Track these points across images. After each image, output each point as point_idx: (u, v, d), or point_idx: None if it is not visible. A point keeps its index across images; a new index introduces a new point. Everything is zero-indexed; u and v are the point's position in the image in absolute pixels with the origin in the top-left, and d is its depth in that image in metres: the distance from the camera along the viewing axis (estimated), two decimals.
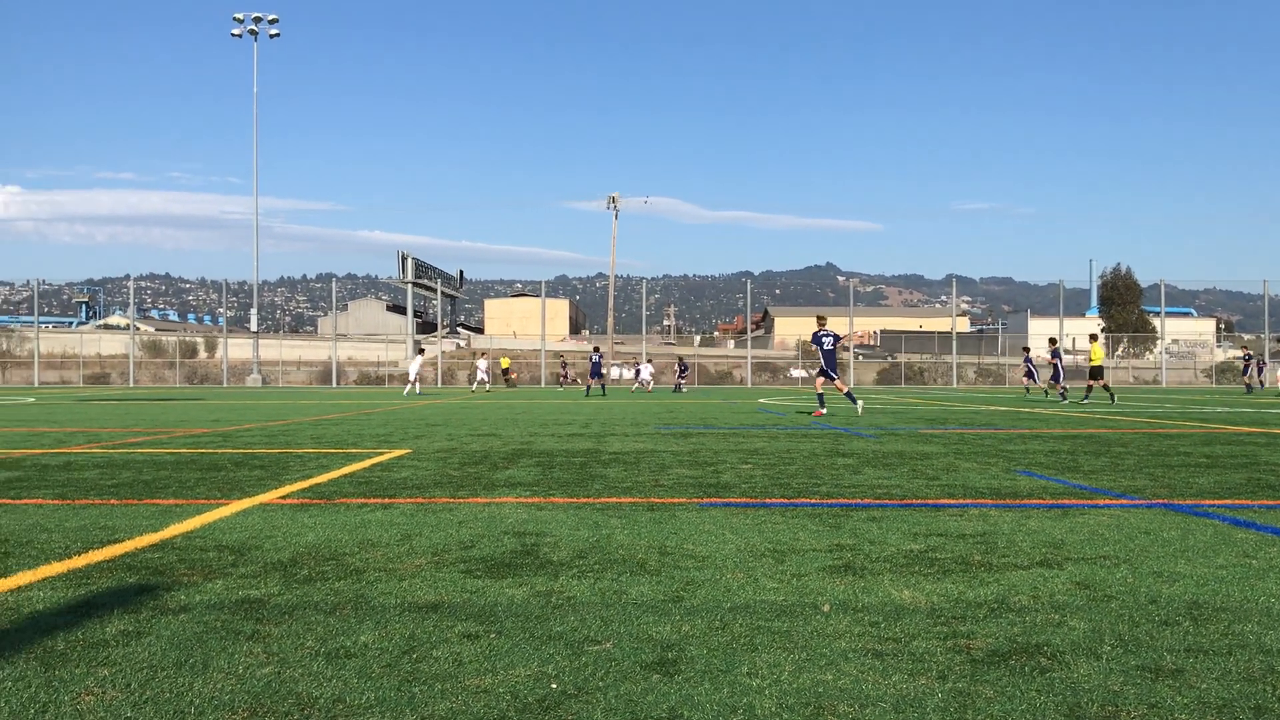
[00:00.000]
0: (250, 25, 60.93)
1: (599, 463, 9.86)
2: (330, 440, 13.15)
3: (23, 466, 9.49)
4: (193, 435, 14.17)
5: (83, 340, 76.26)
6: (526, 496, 7.30)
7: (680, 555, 5.07)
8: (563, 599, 4.11)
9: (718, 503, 7.00)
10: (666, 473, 8.92)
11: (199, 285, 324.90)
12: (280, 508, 6.73)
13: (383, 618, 3.79)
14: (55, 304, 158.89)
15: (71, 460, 10.15)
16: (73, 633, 3.56)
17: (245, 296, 78.82)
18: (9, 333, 74.84)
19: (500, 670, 3.16)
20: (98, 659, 3.25)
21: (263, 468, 9.40)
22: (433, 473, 8.93)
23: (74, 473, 8.94)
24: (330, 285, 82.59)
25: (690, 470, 9.14)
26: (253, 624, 3.69)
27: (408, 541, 5.43)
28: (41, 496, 7.29)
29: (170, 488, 7.83)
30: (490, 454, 10.91)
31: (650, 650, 3.39)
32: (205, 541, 5.41)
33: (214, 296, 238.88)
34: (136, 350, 65.69)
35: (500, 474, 8.83)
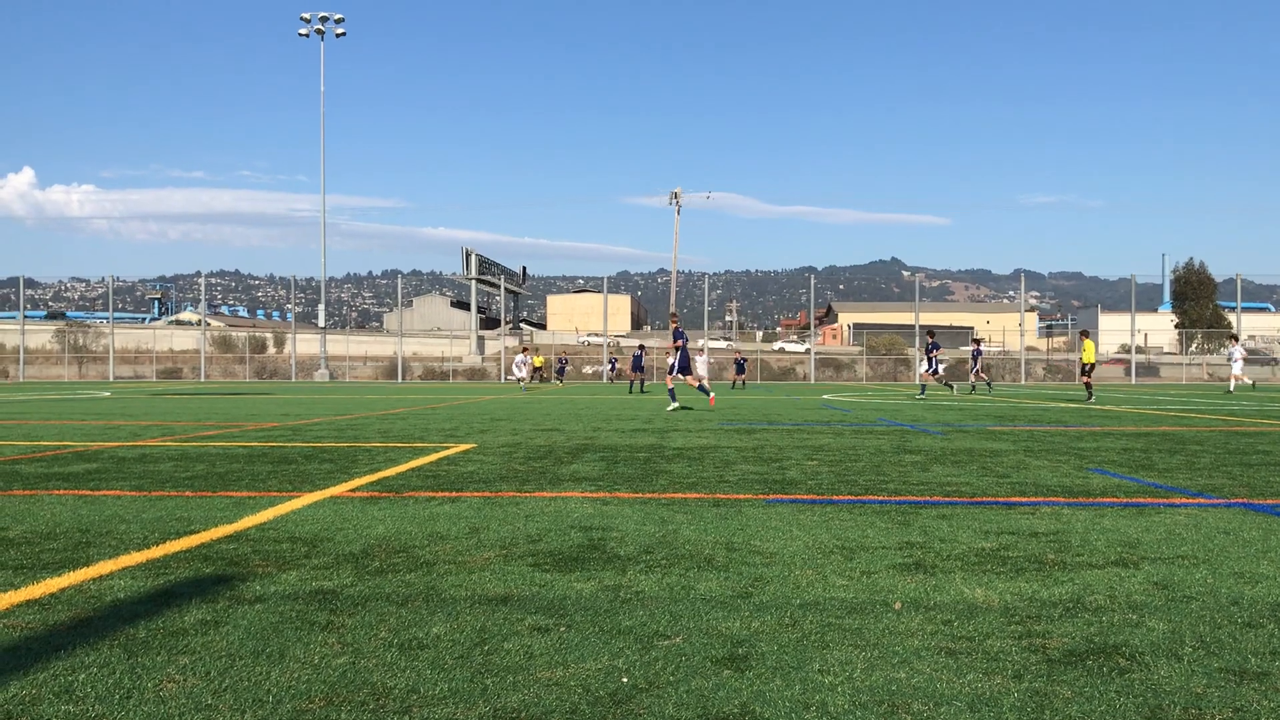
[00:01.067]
0: (317, 25, 61.84)
1: (663, 458, 9.86)
2: (397, 434, 13.31)
3: (101, 459, 9.73)
4: (263, 429, 14.43)
5: (156, 336, 78.02)
6: (592, 491, 7.32)
7: (747, 551, 5.05)
8: (631, 593, 4.11)
9: (784, 499, 6.96)
10: (731, 469, 8.89)
11: (268, 282, 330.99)
12: (350, 501, 6.82)
13: (454, 610, 3.82)
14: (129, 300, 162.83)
15: (147, 453, 10.39)
16: (153, 621, 3.64)
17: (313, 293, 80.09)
18: (85, 328, 76.77)
19: (571, 664, 3.17)
20: (178, 647, 3.32)
21: (332, 461, 9.54)
22: (498, 467, 9.00)
23: (150, 465, 9.14)
24: (396, 281, 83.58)
25: (755, 466, 9.10)
26: (327, 614, 3.74)
27: (476, 535, 5.47)
28: (120, 488, 7.47)
29: (243, 480, 7.97)
30: (554, 449, 10.96)
31: (720, 646, 3.38)
32: (278, 533, 5.51)
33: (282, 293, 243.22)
34: (207, 345, 67.05)
35: (565, 469, 8.86)
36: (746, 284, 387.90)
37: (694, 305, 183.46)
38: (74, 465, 9.08)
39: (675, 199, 73.01)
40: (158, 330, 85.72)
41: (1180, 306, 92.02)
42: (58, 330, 73.92)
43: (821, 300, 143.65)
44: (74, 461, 9.43)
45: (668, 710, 2.78)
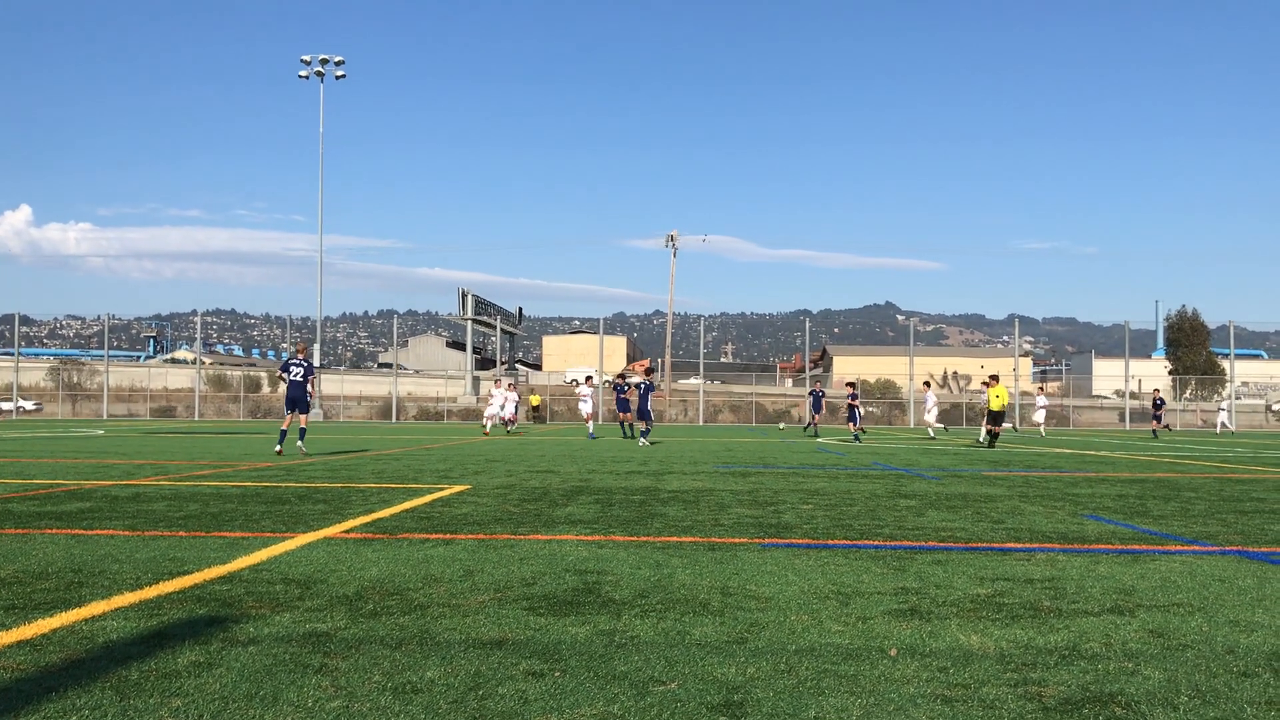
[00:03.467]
0: (317, 67, 62.35)
1: (658, 501, 9.84)
2: (391, 475, 13.28)
3: (94, 497, 9.69)
4: (257, 469, 14.39)
5: (150, 374, 77.88)
6: (586, 534, 7.31)
7: (743, 596, 5.04)
8: (626, 638, 4.10)
9: (779, 543, 6.95)
10: (726, 512, 8.88)
11: (263, 321, 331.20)
12: (344, 542, 6.80)
13: (448, 654, 3.81)
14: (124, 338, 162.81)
15: (140, 492, 10.35)
16: (146, 662, 3.62)
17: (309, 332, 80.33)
18: (80, 366, 76.69)
19: (566, 709, 3.16)
20: (171, 689, 3.30)
21: (326, 502, 9.51)
22: (493, 509, 8.97)
23: (143, 504, 9.11)
24: (392, 321, 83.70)
25: (750, 510, 9.09)
26: (320, 657, 3.73)
27: (470, 578, 5.45)
28: (113, 527, 7.44)
29: (236, 520, 7.95)
30: (549, 491, 10.94)
31: (716, 692, 3.37)
32: (272, 574, 5.49)
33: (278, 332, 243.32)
34: (202, 384, 66.94)
35: (560, 511, 8.84)
36: (742, 326, 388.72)
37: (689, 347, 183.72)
38: (67, 504, 9.04)
39: (672, 241, 73.39)
40: (152, 368, 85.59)
41: (1174, 353, 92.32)
42: (51, 368, 73.81)
43: (816, 343, 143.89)
44: (67, 500, 9.40)
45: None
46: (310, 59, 62.47)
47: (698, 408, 62.66)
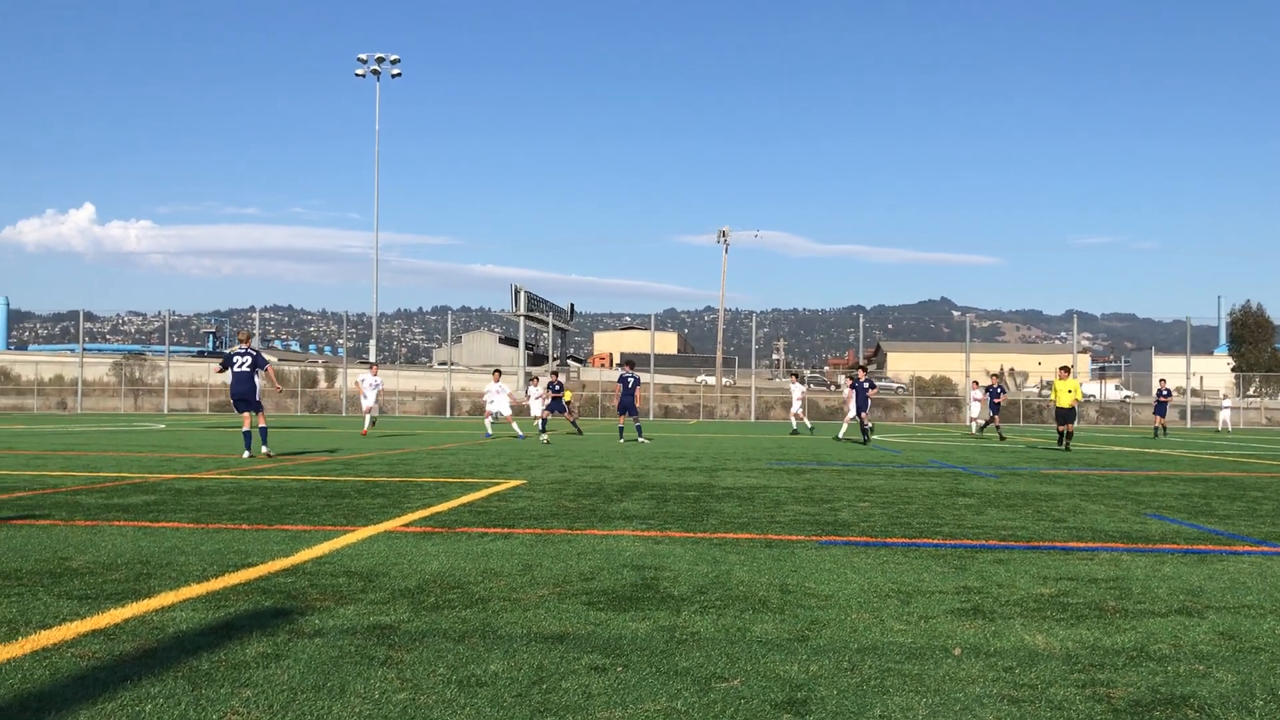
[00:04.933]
0: (373, 66, 62.95)
1: (713, 497, 9.83)
2: (448, 470, 13.39)
3: (159, 491, 9.88)
4: (316, 463, 14.58)
5: (210, 369, 79.17)
6: (642, 530, 7.32)
7: (802, 594, 5.02)
8: (686, 634, 4.10)
9: (837, 541, 6.91)
10: (782, 509, 8.84)
11: (320, 317, 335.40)
12: (404, 535, 6.87)
13: (510, 647, 3.83)
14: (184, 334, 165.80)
15: (203, 485, 10.53)
16: (215, 653, 3.68)
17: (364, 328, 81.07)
18: (142, 361, 78.13)
19: (629, 704, 3.16)
20: (240, 679, 3.35)
21: (384, 496, 9.61)
22: (549, 504, 9.02)
23: (206, 498, 9.27)
24: (445, 317, 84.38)
25: (806, 507, 9.05)
26: (385, 650, 3.77)
27: (529, 572, 5.49)
28: (178, 520, 7.58)
29: (298, 514, 8.06)
30: (603, 486, 10.97)
31: (779, 689, 3.36)
32: (335, 567, 5.56)
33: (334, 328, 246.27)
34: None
35: (615, 506, 8.86)
36: (794, 322, 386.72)
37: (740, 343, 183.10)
38: (133, 497, 9.23)
39: (724, 237, 73.20)
40: (212, 364, 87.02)
41: (1237, 350, 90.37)
42: (115, 363, 75.31)
43: (870, 340, 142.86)
44: (133, 493, 9.59)
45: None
46: (366, 57, 63.07)
47: (749, 404, 62.46)
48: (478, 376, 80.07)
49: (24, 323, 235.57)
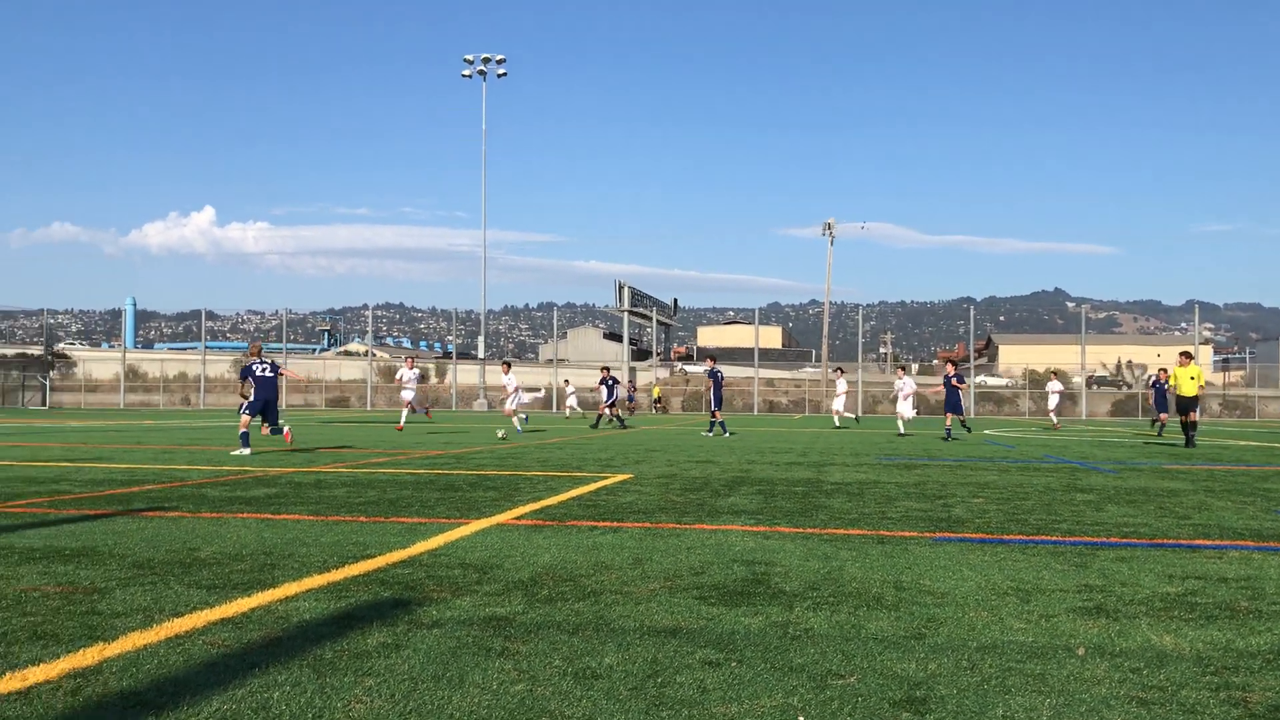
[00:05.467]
0: (479, 66, 63.88)
1: (821, 493, 9.73)
2: (555, 464, 13.52)
3: (279, 484, 10.20)
4: (428, 457, 14.87)
5: (325, 366, 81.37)
6: (751, 525, 7.28)
7: (917, 591, 4.94)
8: (800, 630, 4.06)
9: (951, 537, 6.78)
10: (893, 505, 8.71)
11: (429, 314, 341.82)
12: (516, 528, 6.96)
13: (624, 640, 3.85)
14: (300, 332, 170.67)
15: (321, 479, 10.83)
16: (338, 642, 3.78)
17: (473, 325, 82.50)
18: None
19: (745, 699, 3.15)
20: (363, 669, 3.43)
21: (495, 489, 9.75)
22: (656, 498, 9.04)
23: (325, 490, 9.53)
24: (551, 314, 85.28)
25: (918, 503, 8.90)
26: (502, 641, 3.82)
27: (640, 566, 5.50)
28: (298, 512, 7.81)
29: (413, 506, 8.23)
30: (710, 481, 10.95)
31: (897, 687, 3.31)
32: (450, 559, 5.66)
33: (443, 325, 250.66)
34: (373, 376, 69.56)
35: (722, 501, 8.84)
36: (901, 315, 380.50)
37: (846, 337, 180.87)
38: (255, 490, 9.54)
39: (829, 230, 72.39)
40: (327, 360, 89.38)
41: None
42: (235, 360, 77.89)
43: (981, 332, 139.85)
44: (254, 486, 9.91)
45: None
46: (473, 58, 64.01)
47: (857, 398, 61.72)
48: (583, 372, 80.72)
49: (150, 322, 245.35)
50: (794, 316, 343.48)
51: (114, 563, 5.42)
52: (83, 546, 5.94)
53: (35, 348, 68.75)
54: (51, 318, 74.10)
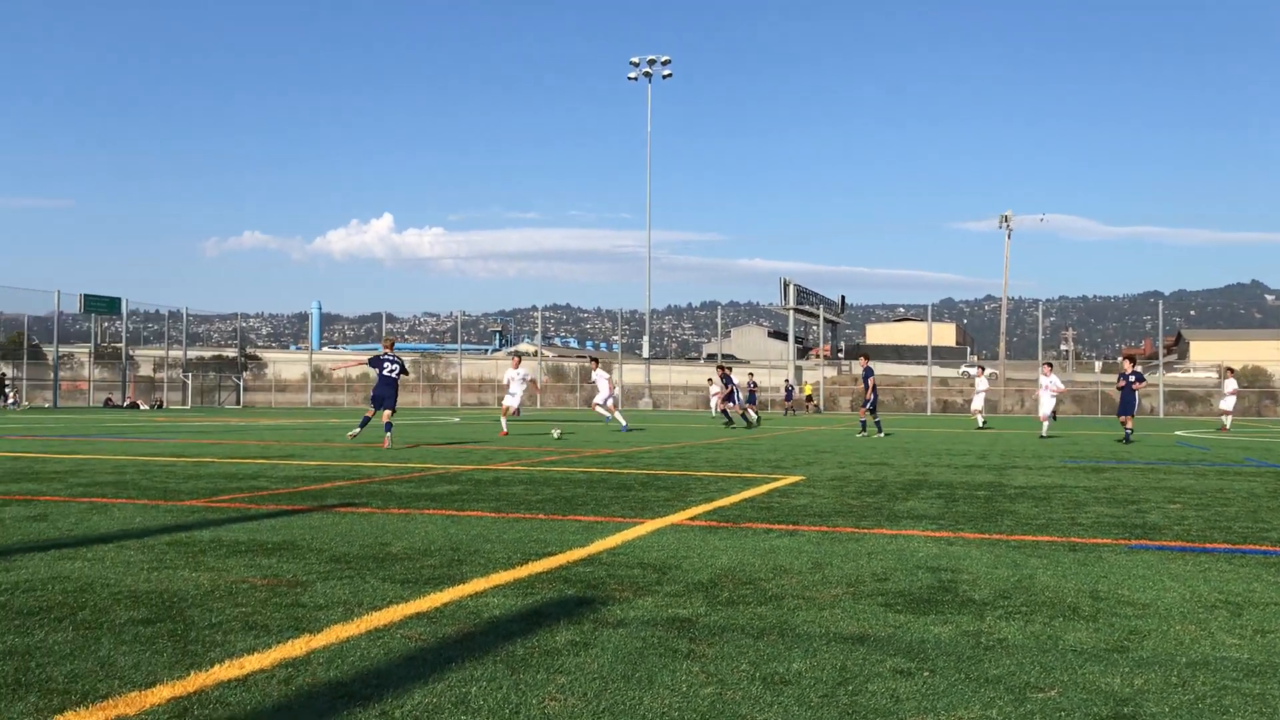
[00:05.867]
0: (645, 68, 64.44)
1: (1005, 497, 9.42)
2: (725, 464, 13.51)
3: (460, 481, 10.51)
4: (599, 456, 15.08)
5: (497, 366, 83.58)
6: (933, 530, 7.10)
7: (1115, 601, 4.72)
8: (993, 640, 3.93)
9: (1148, 545, 6.45)
10: (1083, 510, 8.35)
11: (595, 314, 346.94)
12: (690, 529, 6.98)
13: (810, 646, 3.80)
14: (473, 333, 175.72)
15: (499, 476, 11.11)
16: (528, 639, 3.86)
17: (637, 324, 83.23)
18: (436, 359, 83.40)
19: (940, 710, 3.07)
20: (554, 666, 3.50)
21: (667, 489, 9.81)
22: (831, 501, 8.92)
23: (504, 488, 9.78)
24: (714, 312, 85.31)
25: (1109, 509, 8.51)
26: (687, 643, 3.83)
27: (820, 570, 5.44)
28: (480, 509, 8.03)
29: (588, 505, 8.35)
30: (886, 484, 10.74)
31: (1102, 703, 3.16)
32: (629, 558, 5.71)
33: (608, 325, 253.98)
34: (542, 375, 71.10)
35: (901, 505, 8.66)
36: (1083, 311, 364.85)
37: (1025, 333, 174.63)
38: (438, 487, 9.86)
39: (1005, 222, 70.06)
40: (499, 361, 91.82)
41: None
42: (413, 361, 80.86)
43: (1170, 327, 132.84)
44: (437, 483, 10.25)
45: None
46: (639, 60, 64.64)
47: (1036, 398, 59.55)
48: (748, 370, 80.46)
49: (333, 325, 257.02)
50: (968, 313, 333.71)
51: (313, 556, 5.69)
52: (283, 540, 6.26)
53: (230, 350, 72.95)
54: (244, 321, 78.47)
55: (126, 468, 11.86)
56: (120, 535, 6.42)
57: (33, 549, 5.84)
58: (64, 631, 3.90)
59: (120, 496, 8.71)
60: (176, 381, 62.15)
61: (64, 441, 17.96)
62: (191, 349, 67.72)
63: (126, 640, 3.77)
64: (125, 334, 62.13)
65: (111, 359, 63.12)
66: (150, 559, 5.54)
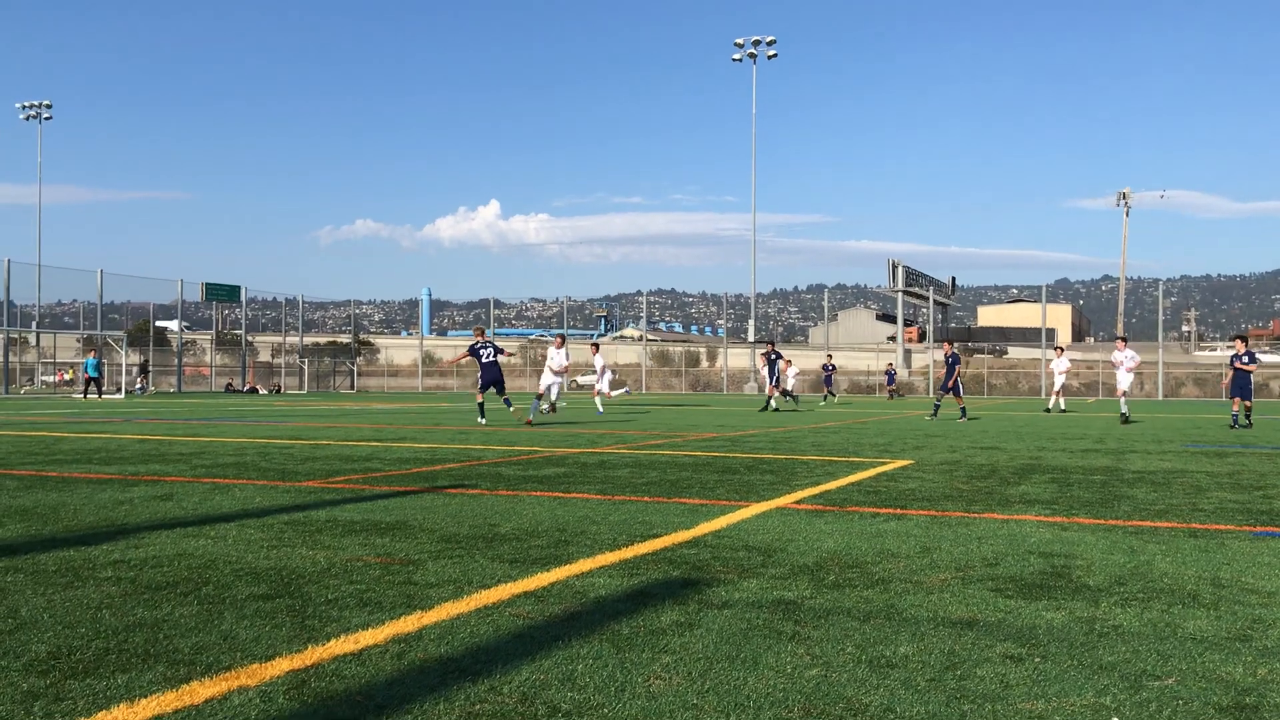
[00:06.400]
0: (750, 49, 63.96)
1: (1122, 482, 9.15)
2: (831, 448, 13.40)
3: (567, 464, 10.64)
4: (704, 439, 15.09)
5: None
6: (1046, 515, 6.94)
7: (1238, 589, 4.55)
8: (1107, 627, 3.84)
9: (1275, 532, 6.21)
10: (1204, 496, 8.07)
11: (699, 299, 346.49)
12: (796, 513, 6.94)
13: (917, 630, 3.76)
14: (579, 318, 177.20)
15: (605, 459, 11.21)
16: (633, 619, 3.90)
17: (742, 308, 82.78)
18: (544, 344, 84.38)
19: (1052, 696, 3.01)
20: (659, 645, 3.53)
21: (773, 473, 9.77)
22: (941, 485, 8.78)
23: (609, 471, 9.86)
24: (821, 295, 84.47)
25: (1233, 494, 8.20)
26: (792, 625, 3.82)
27: (928, 554, 5.37)
28: (586, 491, 8.11)
29: (693, 488, 8.37)
30: (998, 468, 10.52)
31: (1223, 692, 3.06)
32: (733, 541, 5.72)
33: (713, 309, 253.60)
34: (647, 359, 71.31)
35: (1013, 490, 8.48)
36: (1206, 290, 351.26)
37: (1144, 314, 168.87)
38: (545, 469, 9.99)
39: (1123, 199, 67.94)
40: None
41: None
42: (521, 346, 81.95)
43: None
44: (544, 465, 10.38)
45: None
46: (743, 41, 64.19)
47: (1156, 381, 57.58)
48: (855, 355, 79.59)
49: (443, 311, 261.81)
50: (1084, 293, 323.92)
51: (424, 536, 5.83)
52: (396, 520, 6.42)
53: (344, 336, 74.88)
54: (357, 308, 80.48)
55: (247, 450, 12.30)
56: (241, 514, 6.67)
57: (159, 527, 6.11)
58: (189, 606, 4.07)
59: (241, 477, 9.04)
60: (293, 367, 64.09)
61: (188, 425, 18.69)
62: (307, 335, 69.72)
63: (247, 615, 3.93)
64: (244, 321, 64.29)
65: (232, 345, 65.40)
66: (269, 537, 5.74)
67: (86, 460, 10.69)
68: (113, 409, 27.26)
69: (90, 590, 4.34)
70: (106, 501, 7.27)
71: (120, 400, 37.06)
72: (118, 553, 5.22)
